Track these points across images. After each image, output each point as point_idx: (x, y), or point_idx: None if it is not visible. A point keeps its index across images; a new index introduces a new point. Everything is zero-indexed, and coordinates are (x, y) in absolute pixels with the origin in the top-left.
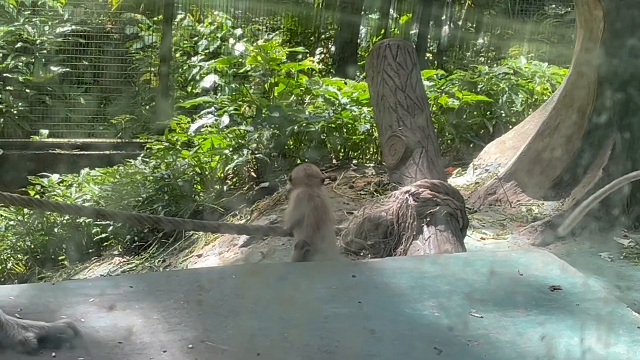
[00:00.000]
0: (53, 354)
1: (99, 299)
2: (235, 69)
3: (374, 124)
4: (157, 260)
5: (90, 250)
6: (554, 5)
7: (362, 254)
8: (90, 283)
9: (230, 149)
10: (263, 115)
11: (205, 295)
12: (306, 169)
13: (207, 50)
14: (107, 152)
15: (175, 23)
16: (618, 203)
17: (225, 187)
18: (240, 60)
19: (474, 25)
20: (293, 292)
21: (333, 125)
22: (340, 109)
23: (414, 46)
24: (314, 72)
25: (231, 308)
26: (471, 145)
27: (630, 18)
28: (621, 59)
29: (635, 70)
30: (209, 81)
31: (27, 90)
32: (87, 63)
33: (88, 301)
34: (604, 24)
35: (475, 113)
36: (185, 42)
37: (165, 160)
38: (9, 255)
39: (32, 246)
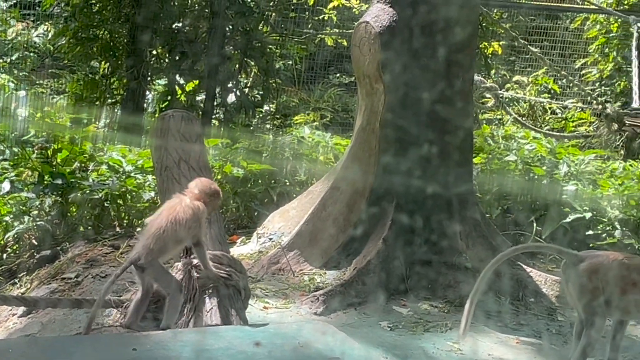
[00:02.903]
0: None
1: None
2: (17, 133)
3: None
4: None
5: None
6: (338, 75)
7: (144, 326)
8: None
9: (11, 216)
10: (45, 182)
11: None
12: (198, 183)
13: None
14: None
15: None
16: (397, 272)
17: (4, 255)
18: (22, 124)
19: (261, 93)
20: None
21: (117, 193)
22: (124, 177)
23: (200, 113)
24: (98, 138)
25: None
26: (256, 214)
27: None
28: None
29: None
30: None
31: None
32: None
33: None
34: (384, 97)
35: (259, 182)
36: None
37: None
38: None
39: None
